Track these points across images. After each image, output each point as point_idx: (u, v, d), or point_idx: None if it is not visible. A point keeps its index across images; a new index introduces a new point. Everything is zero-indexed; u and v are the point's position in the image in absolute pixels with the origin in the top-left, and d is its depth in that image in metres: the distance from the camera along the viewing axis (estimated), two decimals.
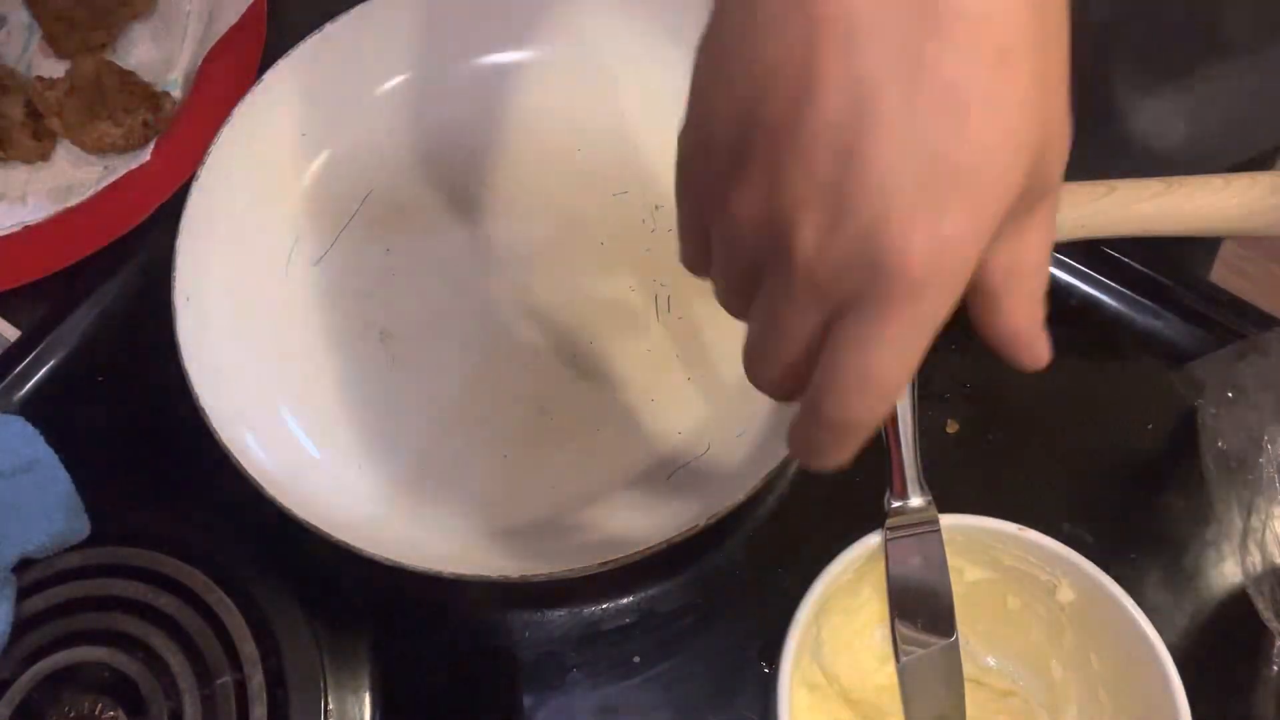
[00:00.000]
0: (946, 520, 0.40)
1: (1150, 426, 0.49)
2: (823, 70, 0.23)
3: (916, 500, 0.37)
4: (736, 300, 0.29)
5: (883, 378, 0.26)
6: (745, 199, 0.26)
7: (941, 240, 0.23)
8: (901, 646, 0.37)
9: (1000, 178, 0.24)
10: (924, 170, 0.23)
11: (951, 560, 0.41)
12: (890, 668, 0.44)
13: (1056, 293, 0.52)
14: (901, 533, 0.37)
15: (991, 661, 0.44)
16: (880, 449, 0.49)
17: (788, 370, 0.28)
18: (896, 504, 0.37)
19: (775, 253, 0.25)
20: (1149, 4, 0.50)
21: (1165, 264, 0.52)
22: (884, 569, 0.39)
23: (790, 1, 0.24)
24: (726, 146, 0.26)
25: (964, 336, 0.55)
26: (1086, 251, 0.52)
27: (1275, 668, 0.45)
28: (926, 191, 0.23)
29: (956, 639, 0.37)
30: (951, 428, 0.50)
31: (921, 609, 0.37)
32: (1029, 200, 0.25)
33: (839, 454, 0.28)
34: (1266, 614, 0.44)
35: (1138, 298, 0.52)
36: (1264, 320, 0.51)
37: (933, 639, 0.37)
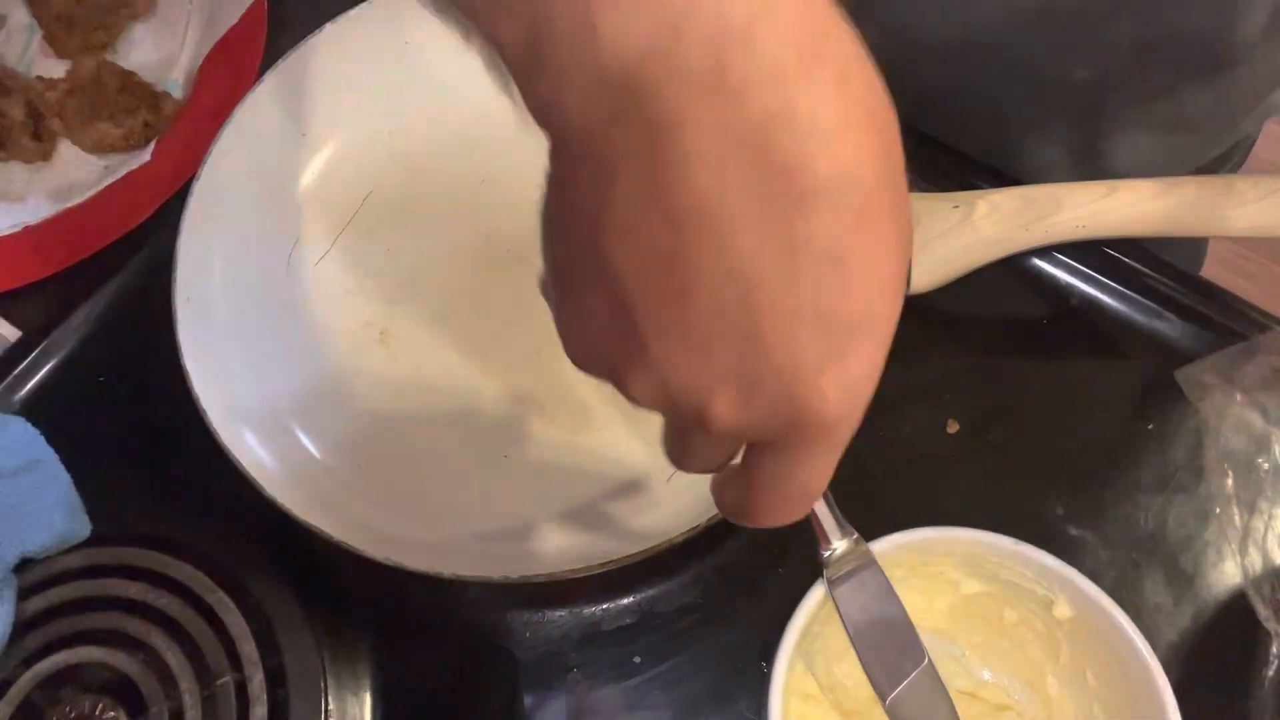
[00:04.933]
0: (944, 533, 0.40)
1: (1150, 426, 0.49)
2: (696, 268, 0.24)
3: (842, 544, 0.37)
4: None
5: (809, 491, 0.28)
6: (645, 388, 0.26)
7: (848, 384, 0.25)
8: (881, 683, 0.37)
9: (887, 316, 0.25)
10: (820, 330, 0.24)
11: (949, 573, 0.41)
12: None
13: (1056, 292, 0.52)
14: (842, 577, 0.37)
15: (987, 675, 0.43)
16: (880, 448, 0.49)
17: (709, 469, 0.30)
18: (826, 554, 0.37)
19: (689, 420, 0.26)
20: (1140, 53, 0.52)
21: (1165, 265, 0.52)
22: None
23: (644, 203, 0.23)
24: (610, 340, 0.26)
25: (964, 336, 0.56)
26: (1086, 251, 0.52)
27: (1273, 669, 0.45)
28: (826, 346, 0.24)
29: (929, 661, 0.37)
30: (951, 428, 0.49)
31: (886, 642, 0.37)
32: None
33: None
34: (1265, 614, 0.44)
35: (1138, 298, 0.52)
36: (1265, 321, 0.51)
37: (907, 667, 0.37)
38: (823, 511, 0.37)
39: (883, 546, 0.39)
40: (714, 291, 0.24)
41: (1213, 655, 0.45)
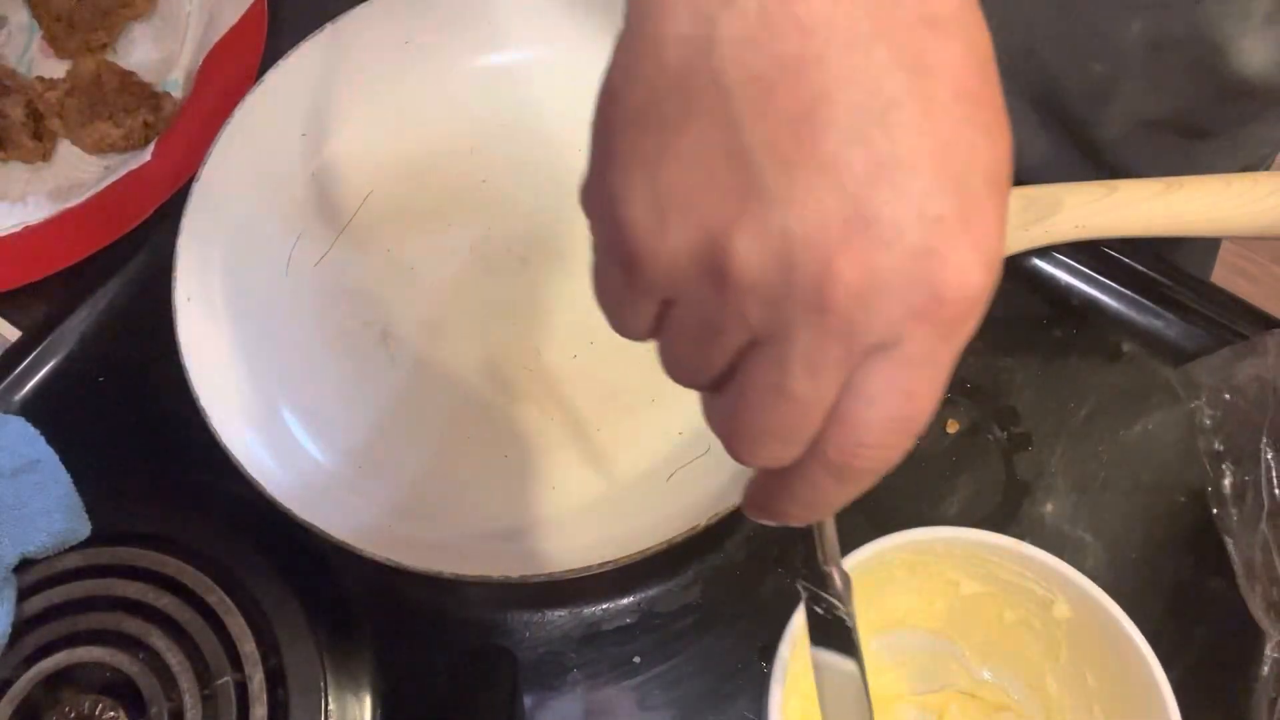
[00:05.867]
0: (944, 533, 0.40)
1: (1150, 427, 0.49)
2: (830, 74, 0.21)
3: (837, 574, 0.32)
4: (708, 377, 0.25)
5: (925, 411, 0.24)
6: (757, 245, 0.22)
7: (989, 248, 0.22)
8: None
9: (1010, 176, 0.23)
10: (958, 179, 0.21)
11: (948, 573, 0.41)
12: (885, 678, 0.43)
13: (1056, 292, 0.52)
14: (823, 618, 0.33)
15: (987, 674, 0.43)
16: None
17: (795, 440, 0.24)
18: (824, 571, 0.32)
19: (802, 304, 0.22)
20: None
21: (1165, 265, 0.52)
22: (873, 582, 0.38)
23: (771, 12, 0.21)
24: (708, 193, 0.22)
25: None
26: (1086, 251, 0.52)
27: (1267, 667, 0.45)
28: (964, 197, 0.21)
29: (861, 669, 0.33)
30: (951, 428, 0.50)
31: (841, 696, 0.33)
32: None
33: (844, 502, 0.26)
34: (1259, 613, 0.45)
35: (1138, 298, 0.52)
36: (1264, 321, 0.51)
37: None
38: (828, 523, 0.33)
39: (883, 546, 0.39)
40: (849, 103, 0.21)
41: (1212, 655, 0.45)
